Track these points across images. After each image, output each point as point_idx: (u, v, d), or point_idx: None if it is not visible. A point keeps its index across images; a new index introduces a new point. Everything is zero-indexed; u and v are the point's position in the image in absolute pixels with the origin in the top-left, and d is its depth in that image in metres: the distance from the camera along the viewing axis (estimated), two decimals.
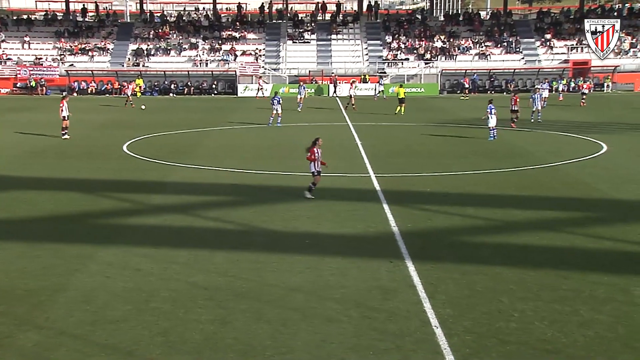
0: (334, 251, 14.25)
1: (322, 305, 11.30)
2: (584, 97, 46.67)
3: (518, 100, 34.55)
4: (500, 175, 22.46)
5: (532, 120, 36.19)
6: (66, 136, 31.29)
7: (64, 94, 40.88)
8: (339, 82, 58.67)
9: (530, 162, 24.62)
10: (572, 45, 64.15)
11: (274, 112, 36.29)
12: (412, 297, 11.60)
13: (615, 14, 70.26)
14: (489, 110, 29.69)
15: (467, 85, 57.33)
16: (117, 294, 11.85)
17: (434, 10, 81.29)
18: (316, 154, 19.03)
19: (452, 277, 12.55)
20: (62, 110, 31.30)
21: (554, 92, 52.15)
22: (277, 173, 23.15)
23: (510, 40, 65.01)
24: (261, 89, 56.95)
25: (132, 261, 13.66)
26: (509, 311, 10.96)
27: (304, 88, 46.47)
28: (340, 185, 21.20)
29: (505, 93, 57.98)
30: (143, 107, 43.51)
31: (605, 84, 58.59)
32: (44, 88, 60.03)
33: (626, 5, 76.63)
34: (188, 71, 61.75)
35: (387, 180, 21.60)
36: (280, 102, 36.57)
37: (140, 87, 57.95)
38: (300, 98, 44.90)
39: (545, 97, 41.44)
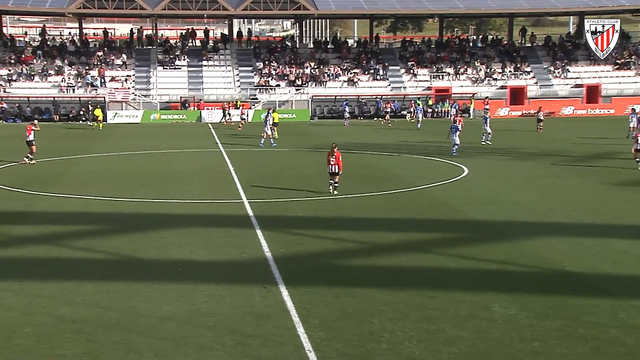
0: (207, 278, 14.19)
1: (195, 334, 11.22)
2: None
3: (462, 120, 39.01)
4: (371, 198, 23.11)
5: (483, 143, 39.30)
6: (33, 161, 31.22)
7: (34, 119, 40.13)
8: (228, 108, 58.14)
9: (399, 185, 25.48)
10: (433, 73, 67.07)
11: (265, 133, 38.55)
12: (286, 321, 11.73)
13: (471, 44, 74.15)
14: (452, 129, 34.51)
15: (389, 110, 56.77)
16: None
17: (304, 38, 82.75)
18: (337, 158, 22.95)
19: (325, 300, 12.79)
20: (28, 135, 31.68)
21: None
22: (148, 200, 22.77)
23: (377, 67, 67.15)
24: (229, 114, 55.99)
25: None
26: (379, 332, 11.29)
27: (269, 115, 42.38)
28: (213, 212, 21.13)
29: (377, 119, 59.74)
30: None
31: (471, 109, 61.25)
32: None
33: (480, 36, 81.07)
34: (54, 97, 59.61)
35: (259, 205, 21.73)
36: (269, 123, 39.04)
37: (98, 117, 53.47)
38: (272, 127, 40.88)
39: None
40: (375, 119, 59.72)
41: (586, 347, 10.69)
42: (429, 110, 61.37)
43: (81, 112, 59.04)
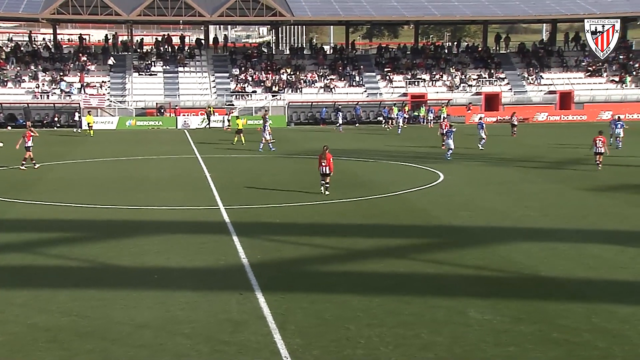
0: (184, 285, 14.14)
1: (171, 341, 11.17)
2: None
3: (448, 125, 39.60)
4: (347, 204, 23.15)
5: (481, 148, 39.56)
6: (37, 165, 31.86)
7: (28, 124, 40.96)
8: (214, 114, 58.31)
9: (375, 191, 25.55)
10: (409, 79, 67.39)
11: (263, 138, 39.34)
12: (263, 328, 11.71)
13: (446, 51, 74.64)
14: (448, 134, 35.56)
15: (391, 116, 57.46)
16: None
17: (280, 44, 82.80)
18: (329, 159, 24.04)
19: (302, 306, 12.80)
20: (27, 141, 31.98)
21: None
22: (123, 207, 22.63)
23: (353, 73, 67.36)
24: (228, 120, 55.98)
25: None
26: (356, 338, 11.32)
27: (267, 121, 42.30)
28: (189, 219, 21.06)
29: (356, 125, 59.91)
30: (0, 144, 40.58)
31: (443, 116, 61.46)
32: None
33: (455, 42, 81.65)
34: (27, 103, 59.01)
35: (236, 212, 21.69)
36: (267, 128, 39.80)
37: (90, 123, 52.87)
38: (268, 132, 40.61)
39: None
40: (356, 125, 59.94)
41: (560, 351, 10.80)
42: (405, 116, 61.56)
43: (55, 119, 58.55)
